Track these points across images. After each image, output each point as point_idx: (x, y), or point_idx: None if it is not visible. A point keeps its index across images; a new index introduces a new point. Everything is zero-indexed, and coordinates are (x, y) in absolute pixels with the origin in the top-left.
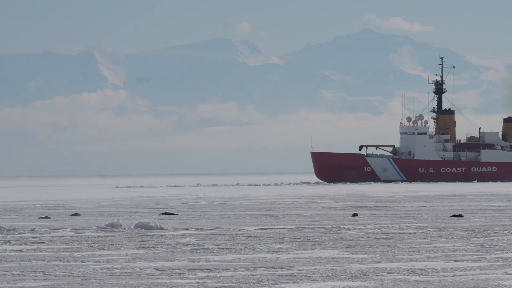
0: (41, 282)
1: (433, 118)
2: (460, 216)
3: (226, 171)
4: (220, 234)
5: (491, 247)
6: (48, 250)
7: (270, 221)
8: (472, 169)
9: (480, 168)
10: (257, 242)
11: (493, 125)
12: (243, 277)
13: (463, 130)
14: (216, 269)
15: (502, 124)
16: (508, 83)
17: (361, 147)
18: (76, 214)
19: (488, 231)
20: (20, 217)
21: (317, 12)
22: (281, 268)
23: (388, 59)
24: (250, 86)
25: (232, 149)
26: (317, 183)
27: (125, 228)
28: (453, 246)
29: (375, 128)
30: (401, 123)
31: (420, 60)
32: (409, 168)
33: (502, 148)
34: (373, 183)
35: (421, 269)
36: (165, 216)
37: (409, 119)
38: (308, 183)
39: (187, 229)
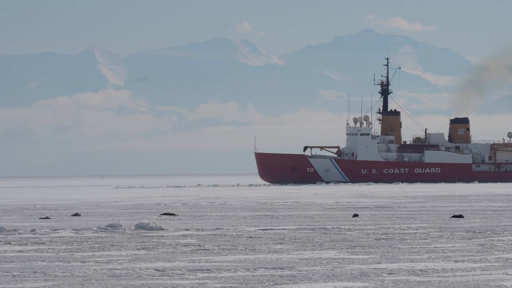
0: (42, 282)
1: (379, 119)
2: (460, 216)
3: (226, 171)
4: (221, 234)
5: (491, 248)
6: (48, 250)
7: (271, 222)
8: (415, 170)
9: (423, 169)
10: (257, 242)
11: (441, 126)
12: (243, 277)
13: (412, 131)
14: (216, 269)
15: (448, 125)
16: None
17: (305, 148)
18: (76, 214)
19: (489, 232)
20: (20, 218)
21: (317, 12)
22: (282, 268)
23: (388, 59)
24: (250, 86)
25: (232, 149)
26: (263, 185)
27: (125, 229)
28: (454, 246)
29: None
30: (347, 124)
31: (421, 61)
32: (352, 169)
33: (447, 149)
34: (316, 184)
35: (421, 270)
36: (165, 216)
37: (355, 120)
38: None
39: (188, 229)
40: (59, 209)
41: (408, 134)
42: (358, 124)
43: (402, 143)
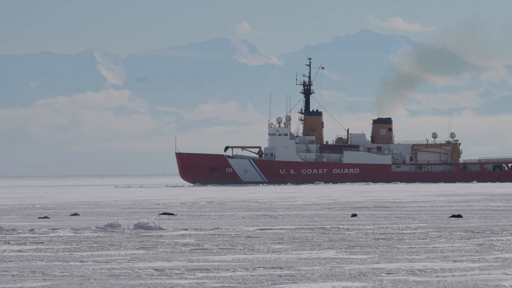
0: (40, 282)
1: (300, 119)
2: (459, 216)
3: None
4: (220, 234)
5: (490, 248)
6: (47, 250)
7: (269, 222)
8: (334, 171)
9: (342, 169)
10: (256, 242)
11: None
12: (242, 277)
13: (335, 131)
14: (215, 269)
15: (371, 126)
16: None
17: (226, 148)
18: (75, 214)
19: (487, 232)
20: (19, 217)
21: (316, 12)
22: (280, 268)
23: (387, 59)
24: (250, 86)
25: None
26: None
27: (124, 228)
28: (452, 246)
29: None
30: (269, 124)
31: (420, 61)
32: (270, 169)
33: (369, 149)
34: (235, 185)
35: (420, 270)
36: (164, 216)
37: (278, 120)
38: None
39: (187, 229)
40: (58, 208)
41: (333, 135)
42: (281, 124)
43: (324, 143)
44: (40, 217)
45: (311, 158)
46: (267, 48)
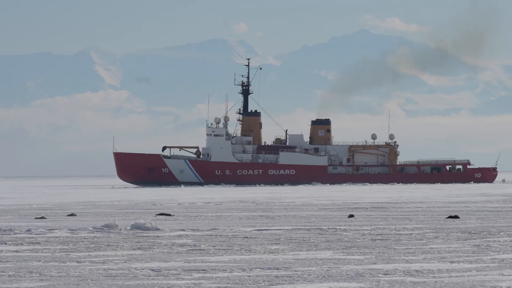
0: (37, 282)
1: (239, 120)
2: (456, 217)
3: None
4: (216, 235)
5: (487, 249)
6: (44, 250)
7: (266, 222)
8: (269, 172)
9: (277, 170)
10: (253, 243)
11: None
12: (239, 278)
13: (274, 132)
14: (212, 270)
15: (310, 127)
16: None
17: (164, 148)
18: (72, 214)
19: (484, 233)
20: (16, 218)
21: (314, 12)
22: (277, 269)
23: (384, 60)
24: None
25: None
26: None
27: (121, 229)
28: (449, 247)
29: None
30: (207, 124)
31: (417, 61)
32: (206, 169)
33: (306, 150)
34: (171, 186)
35: (417, 270)
36: (161, 217)
37: (216, 120)
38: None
39: (183, 230)
40: (54, 209)
41: (272, 136)
42: (218, 125)
43: (262, 144)
44: (37, 218)
45: (247, 159)
46: (264, 48)
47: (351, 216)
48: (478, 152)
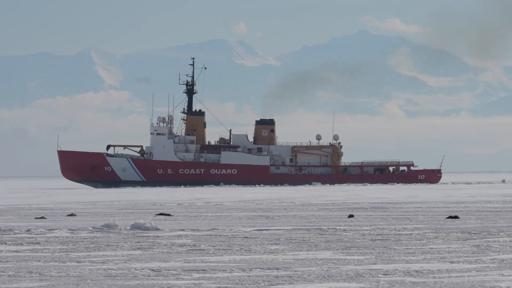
0: (37, 282)
1: (183, 119)
2: (456, 217)
3: None
4: (216, 235)
5: (487, 249)
6: (44, 250)
7: (266, 222)
8: (211, 171)
9: (219, 170)
10: (253, 243)
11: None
12: (239, 278)
13: (218, 132)
14: (212, 270)
15: (254, 127)
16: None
17: (108, 147)
18: (72, 214)
19: (484, 233)
20: (16, 218)
21: (314, 13)
22: (277, 269)
23: (385, 61)
24: (247, 87)
25: None
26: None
27: (121, 229)
28: (449, 247)
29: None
30: (151, 123)
31: (417, 62)
32: (148, 168)
33: (249, 150)
34: (113, 185)
35: (417, 271)
36: (161, 217)
37: (160, 119)
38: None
39: (183, 230)
40: (54, 209)
41: (217, 135)
42: (161, 124)
43: (207, 143)
44: (36, 218)
45: (190, 158)
46: (264, 49)
47: (351, 216)
48: (478, 153)
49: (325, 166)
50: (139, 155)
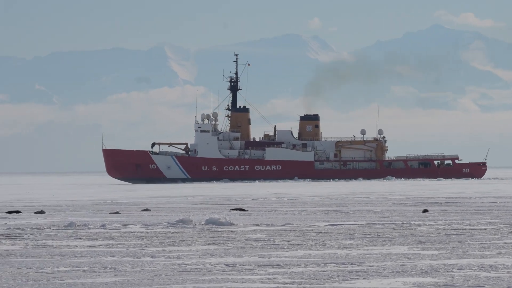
0: (112, 277)
1: (227, 116)
2: None
3: None
4: (291, 230)
5: None
6: (118, 245)
7: (341, 217)
8: (256, 167)
9: (264, 166)
10: (327, 238)
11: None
12: (313, 273)
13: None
14: (286, 265)
15: (298, 122)
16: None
17: (153, 145)
18: (146, 210)
19: None
20: (90, 213)
21: (387, 8)
22: (352, 264)
23: (458, 55)
24: (321, 82)
25: None
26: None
27: (195, 224)
28: None
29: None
30: (195, 120)
31: (491, 56)
32: (192, 166)
33: (294, 146)
34: (159, 182)
35: (491, 266)
36: (235, 212)
37: (204, 116)
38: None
39: (258, 225)
40: (129, 204)
41: (262, 132)
42: (205, 121)
43: (252, 140)
44: (111, 213)
45: (234, 155)
46: (338, 44)
47: (425, 211)
48: None
49: (369, 160)
50: (183, 152)
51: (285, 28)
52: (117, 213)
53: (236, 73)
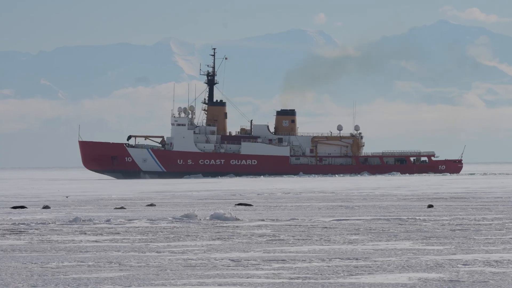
0: (117, 272)
1: (204, 110)
2: None
3: None
4: (296, 225)
5: None
6: (123, 240)
7: (346, 212)
8: (231, 162)
9: (239, 160)
10: (332, 233)
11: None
12: (318, 268)
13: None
14: (291, 260)
15: (275, 117)
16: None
17: (129, 137)
18: (151, 205)
19: None
20: (95, 208)
21: (393, 3)
22: (357, 259)
23: (464, 50)
24: (326, 77)
25: None
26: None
27: (200, 219)
28: None
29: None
30: (172, 114)
31: (497, 52)
32: (168, 159)
33: (270, 141)
34: (134, 175)
35: (496, 261)
36: (240, 207)
37: (180, 110)
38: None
39: (263, 220)
40: (134, 199)
41: (238, 125)
42: (181, 114)
43: (228, 134)
44: (116, 208)
45: (210, 149)
46: (344, 39)
47: (430, 206)
48: None
49: (345, 156)
50: (160, 145)
51: (291, 23)
52: (122, 208)
53: (214, 67)
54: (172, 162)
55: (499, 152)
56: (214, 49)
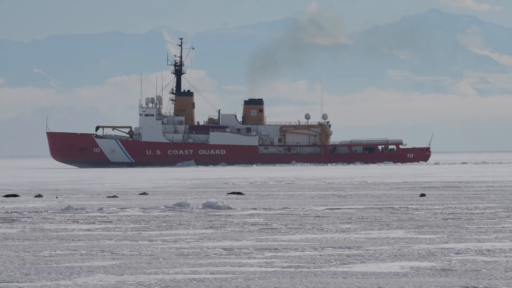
0: (109, 261)
1: (171, 100)
2: None
3: None
4: (288, 214)
5: None
6: (116, 229)
7: (338, 201)
8: (200, 152)
9: (208, 150)
10: (325, 222)
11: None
12: (311, 257)
13: (207, 112)
14: (284, 249)
15: (242, 106)
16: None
17: (97, 128)
18: (144, 193)
19: None
20: (88, 197)
21: None
22: (349, 248)
23: (456, 39)
24: (318, 65)
25: None
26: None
27: (193, 208)
28: None
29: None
30: (140, 104)
31: (489, 40)
32: (137, 150)
33: (238, 130)
34: (102, 166)
35: (489, 250)
36: (233, 195)
37: (148, 100)
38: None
39: (255, 208)
40: (126, 188)
41: (205, 115)
42: (149, 105)
43: (196, 124)
44: (108, 196)
45: (178, 139)
46: (335, 27)
47: (422, 195)
48: None
49: (314, 145)
50: (128, 136)
51: (283, 12)
52: (114, 196)
53: (181, 57)
54: (140, 153)
55: (490, 141)
56: (181, 39)
